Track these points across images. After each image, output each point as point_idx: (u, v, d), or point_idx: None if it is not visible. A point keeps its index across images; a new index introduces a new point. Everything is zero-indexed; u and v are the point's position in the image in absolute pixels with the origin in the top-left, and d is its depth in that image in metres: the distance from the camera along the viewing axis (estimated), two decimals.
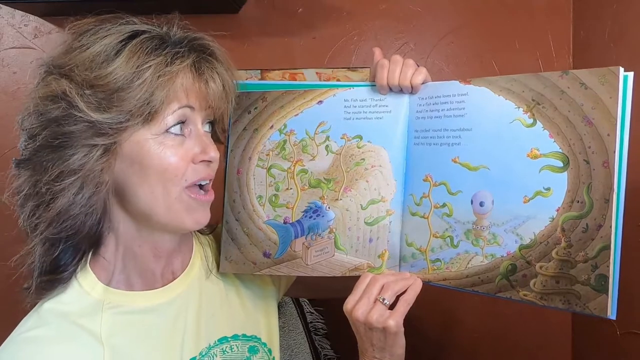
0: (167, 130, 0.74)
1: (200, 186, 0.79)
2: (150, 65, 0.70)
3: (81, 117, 0.69)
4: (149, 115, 0.71)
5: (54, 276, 0.75)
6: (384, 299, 0.78)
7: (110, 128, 0.70)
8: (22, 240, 0.76)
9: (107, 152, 0.71)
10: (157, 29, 0.75)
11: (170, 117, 0.73)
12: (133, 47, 0.71)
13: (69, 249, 0.76)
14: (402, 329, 0.78)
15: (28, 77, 0.76)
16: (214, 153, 0.77)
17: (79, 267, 0.78)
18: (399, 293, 0.80)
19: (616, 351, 1.27)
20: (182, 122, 0.75)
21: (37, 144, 0.71)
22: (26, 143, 0.73)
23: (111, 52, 0.70)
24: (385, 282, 0.80)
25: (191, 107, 0.75)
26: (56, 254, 0.75)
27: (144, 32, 0.73)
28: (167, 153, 0.73)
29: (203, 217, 0.79)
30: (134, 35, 0.72)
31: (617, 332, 1.25)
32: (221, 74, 0.78)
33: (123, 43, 0.71)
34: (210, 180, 0.80)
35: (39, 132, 0.71)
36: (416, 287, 0.80)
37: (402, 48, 1.52)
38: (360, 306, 0.79)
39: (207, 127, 0.80)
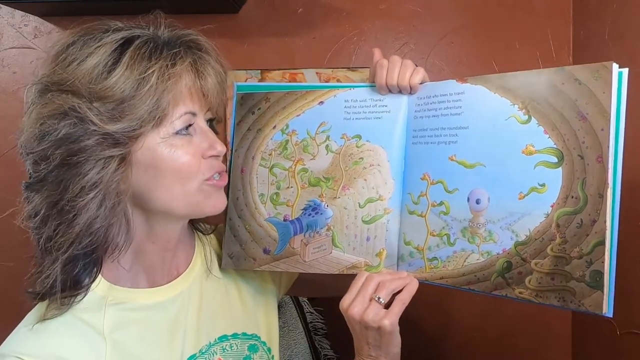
0: (175, 133, 0.75)
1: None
2: (154, 70, 0.71)
3: (94, 130, 0.69)
4: (159, 119, 0.72)
5: (74, 292, 0.75)
6: (379, 298, 0.78)
7: (124, 137, 0.71)
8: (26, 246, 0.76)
9: (123, 161, 0.72)
10: (146, 32, 0.75)
11: (177, 122, 0.75)
12: (131, 53, 0.71)
13: (90, 263, 0.76)
14: (398, 329, 0.78)
15: (26, 92, 0.75)
16: (220, 147, 0.80)
17: (96, 281, 0.77)
18: (394, 292, 0.80)
19: (616, 351, 1.27)
20: (189, 125, 0.77)
21: (52, 164, 0.70)
22: (37, 165, 0.72)
23: (109, 61, 0.71)
24: (380, 281, 0.80)
25: (194, 113, 0.77)
26: (76, 270, 0.74)
27: (136, 37, 0.73)
28: (179, 153, 0.75)
29: (220, 201, 0.82)
30: (127, 42, 0.72)
31: (617, 332, 1.25)
32: (215, 68, 0.79)
33: (118, 51, 0.71)
34: (223, 170, 0.82)
35: (52, 152, 0.70)
36: (412, 287, 0.80)
37: (402, 48, 1.53)
38: (356, 305, 0.79)
39: (207, 123, 0.82)
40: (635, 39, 1.20)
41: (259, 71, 1.55)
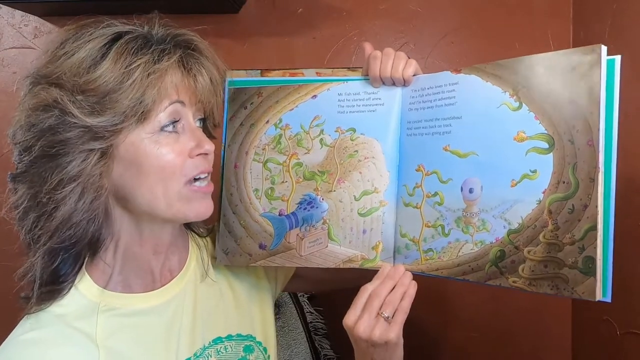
0: (161, 129, 0.74)
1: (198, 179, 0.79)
2: (138, 64, 0.70)
3: (76, 123, 0.69)
4: (142, 114, 0.72)
5: (54, 287, 0.75)
6: (387, 317, 0.76)
7: (106, 131, 0.70)
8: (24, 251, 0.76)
9: (104, 155, 0.72)
10: (139, 29, 0.75)
11: (162, 114, 0.74)
12: (118, 48, 0.71)
13: (69, 258, 0.76)
14: (402, 339, 0.77)
15: (15, 88, 0.77)
16: (208, 146, 0.78)
17: (78, 275, 0.78)
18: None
19: (616, 351, 1.25)
20: (176, 121, 0.76)
21: (33, 155, 0.71)
22: (21, 156, 0.73)
23: (97, 55, 0.71)
24: (385, 296, 0.78)
25: (181, 102, 0.76)
26: (56, 264, 0.75)
27: (126, 32, 0.74)
28: (163, 151, 0.74)
29: (204, 208, 0.80)
30: (117, 37, 0.73)
31: (617, 332, 1.24)
32: (207, 67, 0.79)
33: (107, 45, 0.72)
34: (208, 173, 0.80)
35: (33, 143, 0.71)
36: (411, 293, 0.79)
37: (402, 48, 1.52)
38: (362, 323, 0.76)
39: (198, 124, 0.81)
40: (635, 39, 1.20)
41: (259, 71, 1.55)
